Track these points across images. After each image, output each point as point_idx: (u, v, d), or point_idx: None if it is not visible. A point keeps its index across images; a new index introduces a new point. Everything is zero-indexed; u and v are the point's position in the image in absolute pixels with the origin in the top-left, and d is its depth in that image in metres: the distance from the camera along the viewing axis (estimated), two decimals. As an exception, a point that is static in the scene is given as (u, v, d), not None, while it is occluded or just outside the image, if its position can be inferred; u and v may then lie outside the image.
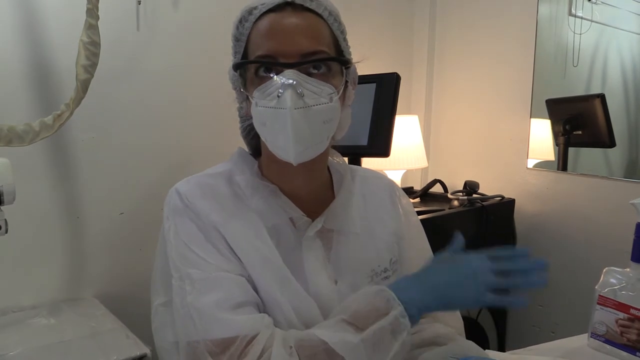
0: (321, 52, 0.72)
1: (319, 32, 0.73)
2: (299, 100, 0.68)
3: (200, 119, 1.66)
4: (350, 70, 0.78)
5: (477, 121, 2.08)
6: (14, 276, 1.39)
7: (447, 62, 2.18)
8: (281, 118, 0.68)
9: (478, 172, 2.04)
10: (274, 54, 0.71)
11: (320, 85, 0.71)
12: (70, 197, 1.47)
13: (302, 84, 0.69)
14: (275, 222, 0.77)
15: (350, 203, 0.84)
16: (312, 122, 0.70)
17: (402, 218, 0.90)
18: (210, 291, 0.68)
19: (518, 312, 1.97)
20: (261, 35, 0.73)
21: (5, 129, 1.07)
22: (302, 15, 0.73)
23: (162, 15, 1.55)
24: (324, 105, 0.70)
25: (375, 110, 1.46)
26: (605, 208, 1.69)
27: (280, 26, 0.72)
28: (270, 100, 0.69)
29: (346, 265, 0.79)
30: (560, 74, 1.88)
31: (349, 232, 0.82)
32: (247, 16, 0.75)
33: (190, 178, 0.80)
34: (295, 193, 0.79)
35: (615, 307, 0.83)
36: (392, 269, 0.84)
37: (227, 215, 0.75)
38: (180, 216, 0.75)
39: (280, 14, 0.72)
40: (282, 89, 0.68)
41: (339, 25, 0.77)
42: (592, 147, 1.84)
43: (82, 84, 1.17)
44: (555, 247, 1.84)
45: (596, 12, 1.81)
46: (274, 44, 0.71)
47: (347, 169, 0.88)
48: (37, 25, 1.36)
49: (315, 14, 0.74)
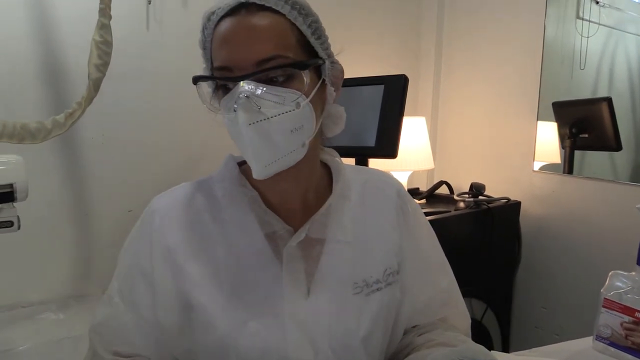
0: (279, 57, 0.65)
1: (276, 33, 0.67)
2: (254, 114, 0.64)
3: (208, 118, 1.66)
4: (324, 68, 0.72)
5: (483, 123, 2.09)
6: (23, 272, 1.41)
7: (454, 64, 2.18)
8: (240, 134, 0.65)
9: (484, 174, 2.04)
10: (229, 65, 0.66)
11: (282, 92, 0.65)
12: (79, 194, 1.49)
13: (260, 95, 0.64)
14: (248, 240, 0.74)
15: (344, 209, 0.79)
16: (273, 134, 0.65)
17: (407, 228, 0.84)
18: None
19: (522, 314, 1.97)
20: (218, 44, 0.68)
21: (18, 127, 1.09)
22: (258, 17, 0.66)
23: (171, 15, 1.57)
24: (288, 113, 0.66)
25: (383, 112, 1.46)
26: (611, 211, 1.69)
27: (233, 33, 0.66)
28: (228, 113, 0.66)
29: (331, 276, 0.75)
30: (567, 77, 1.89)
31: (339, 241, 0.77)
32: (207, 23, 0.71)
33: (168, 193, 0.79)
34: (281, 200, 0.76)
35: (621, 310, 0.84)
36: (385, 281, 0.78)
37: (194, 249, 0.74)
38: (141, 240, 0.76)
39: (235, 18, 0.67)
40: (236, 104, 0.64)
41: (304, 19, 0.69)
42: (598, 151, 1.84)
43: (94, 83, 1.19)
44: (560, 249, 1.84)
45: (603, 15, 1.81)
46: (227, 53, 0.66)
47: (343, 170, 0.82)
48: (48, 24, 1.38)
49: (274, 12, 0.67)
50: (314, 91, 0.69)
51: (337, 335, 0.73)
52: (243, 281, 0.73)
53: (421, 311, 0.85)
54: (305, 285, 0.74)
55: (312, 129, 0.71)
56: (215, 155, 1.63)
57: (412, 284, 0.82)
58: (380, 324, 0.78)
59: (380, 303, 0.77)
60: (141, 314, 0.74)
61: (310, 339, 0.72)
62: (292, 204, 0.76)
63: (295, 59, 0.67)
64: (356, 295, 0.76)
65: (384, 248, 0.81)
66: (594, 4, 1.81)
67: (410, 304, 0.82)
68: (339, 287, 0.75)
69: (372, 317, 0.76)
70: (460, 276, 0.92)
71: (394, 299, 0.80)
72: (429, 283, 0.86)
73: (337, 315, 0.74)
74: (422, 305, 0.84)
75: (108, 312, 0.76)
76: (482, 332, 1.80)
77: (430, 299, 0.85)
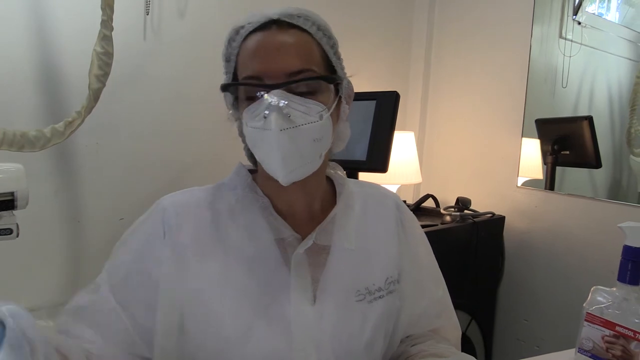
0: (308, 70, 0.71)
1: (305, 49, 0.72)
2: (285, 121, 0.68)
3: (203, 129, 1.68)
4: (342, 86, 0.78)
5: (470, 139, 2.13)
6: (14, 278, 1.40)
7: (442, 80, 2.23)
8: (268, 139, 0.68)
9: (470, 188, 2.08)
10: (260, 75, 0.70)
11: (308, 104, 0.70)
12: (72, 201, 1.48)
13: (289, 104, 0.68)
14: (257, 245, 0.76)
15: (349, 218, 0.82)
16: (300, 142, 0.69)
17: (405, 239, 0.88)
18: None
19: (504, 326, 2.01)
20: (248, 56, 0.72)
21: (18, 135, 1.10)
22: (288, 33, 0.72)
23: (169, 25, 1.58)
24: (313, 123, 0.70)
25: (375, 127, 1.50)
26: (591, 227, 1.74)
27: (266, 45, 0.71)
28: (258, 121, 0.69)
29: (336, 283, 0.77)
30: (549, 95, 1.93)
31: (343, 249, 0.80)
32: (235, 36, 0.75)
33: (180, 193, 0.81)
34: (290, 209, 0.79)
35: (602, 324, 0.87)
36: (386, 289, 0.82)
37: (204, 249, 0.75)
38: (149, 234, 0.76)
39: (266, 32, 0.72)
40: (268, 110, 0.67)
41: (328, 40, 0.76)
42: (579, 167, 1.88)
43: (94, 93, 1.20)
44: (541, 263, 1.88)
45: (585, 35, 1.86)
46: (259, 64, 0.71)
47: (347, 183, 0.86)
48: (48, 33, 1.38)
49: (303, 30, 0.73)
50: (333, 105, 0.74)
51: (341, 341, 0.76)
52: (251, 285, 0.75)
53: (417, 321, 0.88)
54: (312, 292, 0.76)
55: (329, 142, 0.75)
56: (208, 167, 1.66)
57: (409, 294, 0.85)
58: (381, 331, 0.80)
59: (382, 310, 0.80)
60: (132, 315, 0.74)
61: (315, 344, 0.74)
62: (300, 212, 0.80)
63: (321, 74, 0.73)
64: (359, 302, 0.78)
65: (386, 257, 0.84)
66: (577, 25, 1.85)
67: (407, 313, 0.85)
68: (343, 293, 0.78)
69: (375, 324, 0.79)
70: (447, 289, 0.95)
71: (394, 307, 0.83)
72: (425, 293, 0.89)
73: (341, 321, 0.76)
74: (418, 314, 0.87)
75: (92, 299, 0.76)
76: (466, 344, 1.83)
77: (426, 309, 0.88)
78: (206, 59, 1.66)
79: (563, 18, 1.88)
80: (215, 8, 1.67)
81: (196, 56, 1.65)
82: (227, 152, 1.67)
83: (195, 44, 1.64)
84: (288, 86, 0.69)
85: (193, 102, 1.66)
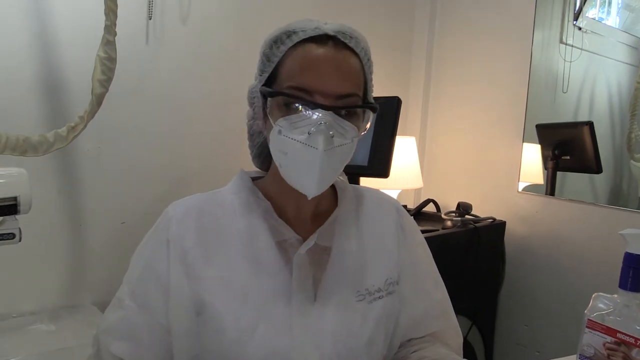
0: (354, 95, 0.72)
1: (355, 73, 0.73)
2: (329, 142, 0.69)
3: (205, 134, 1.69)
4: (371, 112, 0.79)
5: (471, 144, 2.13)
6: (15, 281, 1.41)
7: (443, 85, 2.23)
8: (309, 156, 0.69)
9: (470, 193, 2.08)
10: (310, 89, 0.70)
11: (348, 127, 0.71)
12: (74, 205, 1.49)
13: (334, 127, 0.70)
14: (260, 247, 0.77)
15: (350, 220, 0.84)
16: (334, 161, 0.72)
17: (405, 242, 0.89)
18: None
19: (505, 331, 2.01)
20: (298, 65, 0.72)
21: (21, 140, 1.10)
22: (342, 53, 0.72)
23: (171, 31, 1.59)
24: (347, 145, 0.72)
25: (376, 132, 1.50)
26: (592, 233, 1.74)
27: (321, 61, 0.71)
28: (299, 134, 0.69)
29: (336, 283, 0.79)
30: (550, 100, 1.93)
31: (344, 250, 0.81)
32: (285, 39, 0.74)
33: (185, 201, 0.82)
34: (297, 210, 0.81)
35: (603, 331, 0.87)
36: (386, 290, 0.83)
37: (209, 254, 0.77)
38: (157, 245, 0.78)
39: (321, 47, 0.72)
40: (315, 129, 0.68)
41: (369, 65, 0.78)
42: (579, 172, 1.88)
43: (97, 98, 1.21)
44: (542, 269, 1.88)
45: (586, 40, 1.86)
46: (311, 79, 0.70)
47: (347, 187, 0.88)
48: (50, 39, 1.39)
49: (354, 52, 0.74)
50: (363, 128, 0.76)
51: (342, 340, 0.77)
52: (254, 287, 0.76)
53: (416, 323, 0.88)
54: (313, 292, 0.77)
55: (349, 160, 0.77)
56: (209, 173, 1.66)
57: (408, 296, 0.86)
58: (381, 331, 0.81)
59: (382, 311, 0.81)
60: (154, 317, 0.76)
61: (316, 343, 0.75)
62: (305, 214, 0.82)
63: (366, 101, 0.76)
64: (359, 302, 0.80)
65: (385, 259, 0.86)
66: (577, 30, 1.86)
67: (406, 315, 0.86)
68: (343, 293, 0.79)
69: (375, 324, 0.80)
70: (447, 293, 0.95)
71: (394, 308, 0.84)
72: (425, 295, 0.89)
73: (341, 320, 0.78)
74: (418, 316, 0.88)
75: (120, 315, 0.78)
76: (466, 348, 1.83)
77: (426, 311, 0.89)
78: (208, 64, 1.67)
79: (563, 23, 1.89)
80: (218, 14, 1.68)
81: (198, 61, 1.65)
82: (229, 156, 1.68)
83: (198, 50, 1.65)
84: (337, 109, 0.71)
85: (195, 107, 1.66)
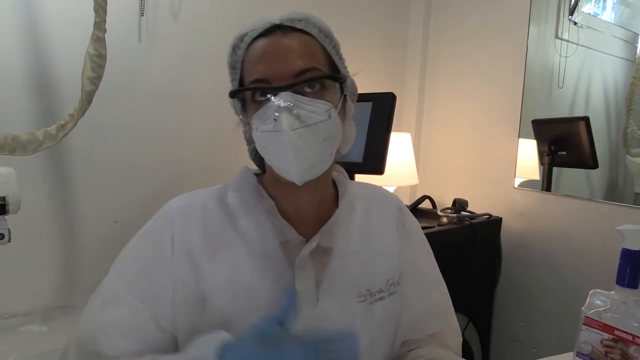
0: (313, 69, 0.72)
1: (309, 50, 0.74)
2: (296, 121, 0.69)
3: (198, 132, 1.68)
4: (347, 85, 0.78)
5: (466, 139, 2.12)
6: (6, 282, 1.39)
7: (438, 80, 2.22)
8: (279, 141, 0.69)
9: (467, 189, 2.08)
10: (267, 78, 0.71)
11: (315, 103, 0.71)
12: (66, 204, 1.48)
13: (298, 105, 0.69)
14: (263, 247, 0.76)
15: (351, 220, 0.83)
16: (311, 141, 0.70)
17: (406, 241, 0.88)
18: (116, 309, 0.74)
19: (501, 327, 2.01)
20: (254, 61, 0.74)
21: (9, 138, 1.08)
22: (292, 37, 0.73)
23: (163, 28, 1.58)
24: (323, 122, 0.71)
25: (371, 129, 1.49)
26: (588, 229, 1.74)
27: (271, 49, 0.73)
28: (268, 124, 0.70)
29: (338, 284, 0.78)
30: (546, 95, 1.93)
31: (347, 250, 0.80)
32: (239, 43, 0.76)
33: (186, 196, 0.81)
34: (297, 211, 0.80)
35: (601, 328, 0.87)
36: (387, 290, 0.82)
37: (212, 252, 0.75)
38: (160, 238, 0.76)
39: (270, 37, 0.73)
40: (278, 112, 0.68)
41: (330, 41, 0.78)
42: (575, 168, 1.88)
43: (87, 95, 1.19)
44: (538, 265, 1.88)
45: (581, 35, 1.86)
46: (265, 67, 0.72)
47: (348, 184, 0.87)
48: (39, 35, 1.37)
49: (306, 33, 0.75)
50: (339, 104, 0.75)
51: None
52: (257, 287, 0.75)
53: (417, 323, 0.88)
54: (315, 293, 0.77)
55: (338, 141, 0.76)
56: (203, 171, 1.65)
57: (408, 296, 0.86)
58: (383, 331, 0.81)
59: (383, 312, 0.81)
60: (159, 311, 0.74)
61: None
62: (306, 215, 0.80)
63: (327, 73, 0.74)
64: (360, 303, 0.79)
65: (387, 259, 0.85)
66: (573, 25, 1.86)
67: (407, 315, 0.85)
68: (345, 294, 0.79)
69: (376, 325, 0.80)
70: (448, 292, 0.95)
71: (395, 309, 0.83)
72: (425, 295, 0.89)
73: (343, 321, 0.77)
74: (418, 317, 0.87)
75: (122, 312, 0.74)
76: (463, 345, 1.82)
77: (426, 311, 0.88)
78: (200, 61, 1.65)
79: (559, 18, 1.88)
80: (210, 10, 1.66)
81: (190, 58, 1.64)
82: (222, 154, 1.67)
83: (190, 46, 1.64)
84: (295, 87, 0.70)
85: (187, 104, 1.65)
